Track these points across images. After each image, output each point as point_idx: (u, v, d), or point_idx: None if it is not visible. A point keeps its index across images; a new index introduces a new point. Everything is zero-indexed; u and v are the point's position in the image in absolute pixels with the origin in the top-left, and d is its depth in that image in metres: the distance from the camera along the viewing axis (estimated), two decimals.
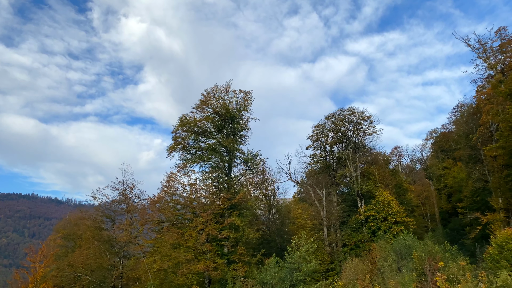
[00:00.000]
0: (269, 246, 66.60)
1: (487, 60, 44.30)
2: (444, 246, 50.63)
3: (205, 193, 40.08)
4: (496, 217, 48.40)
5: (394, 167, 73.30)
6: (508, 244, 23.73)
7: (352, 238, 62.26)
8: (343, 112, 68.75)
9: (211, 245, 38.16)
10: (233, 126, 44.67)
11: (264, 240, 66.74)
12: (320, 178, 74.64)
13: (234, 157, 44.78)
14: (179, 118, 43.11)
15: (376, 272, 41.99)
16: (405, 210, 68.42)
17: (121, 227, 41.91)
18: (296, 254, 36.25)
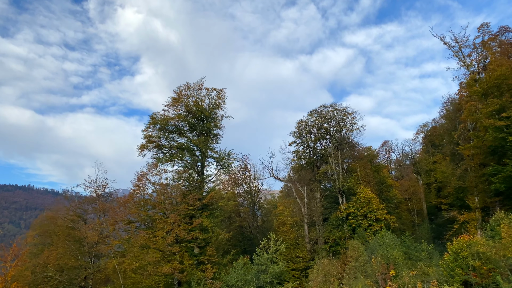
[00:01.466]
0: (250, 243, 66.50)
1: (463, 59, 43.48)
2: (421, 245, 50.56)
3: (175, 194, 39.44)
4: (472, 216, 48.15)
5: (377, 164, 72.62)
6: (463, 251, 23.33)
7: (332, 236, 62.03)
8: (325, 108, 68.03)
9: (179, 246, 37.69)
10: (206, 124, 43.89)
11: (245, 237, 66.65)
12: (302, 175, 74.27)
13: (207, 157, 44.08)
14: (150, 116, 42.35)
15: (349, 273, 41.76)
16: (388, 207, 68.29)
17: (90, 226, 41.39)
18: (264, 256, 35.85)
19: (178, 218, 37.72)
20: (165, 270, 35.17)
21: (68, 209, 44.56)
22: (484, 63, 52.22)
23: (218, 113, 45.70)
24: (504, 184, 38.96)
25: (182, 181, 41.89)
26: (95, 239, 39.61)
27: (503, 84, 39.44)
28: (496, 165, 39.88)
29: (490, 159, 45.04)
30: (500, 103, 37.88)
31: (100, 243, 40.35)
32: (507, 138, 37.37)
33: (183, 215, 39.27)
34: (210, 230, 39.41)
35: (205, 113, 43.74)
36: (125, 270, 37.51)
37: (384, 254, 32.05)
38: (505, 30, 57.31)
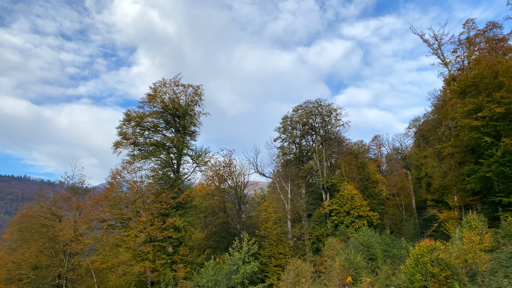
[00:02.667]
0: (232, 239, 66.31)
1: (442, 56, 42.84)
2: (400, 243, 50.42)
3: (148, 192, 38.94)
4: (451, 215, 48.01)
5: (362, 160, 72.27)
6: (423, 257, 23.03)
7: (315, 232, 61.93)
8: (310, 104, 67.46)
9: (152, 246, 37.33)
10: (181, 122, 43.25)
11: (229, 233, 66.43)
12: (287, 171, 73.91)
13: (183, 154, 43.52)
14: (124, 113, 41.64)
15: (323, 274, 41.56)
16: (372, 203, 68.17)
17: (63, 224, 40.88)
18: (236, 256, 35.55)
19: (151, 217, 37.29)
20: (135, 270, 34.84)
21: (42, 206, 43.90)
22: (469, 60, 51.75)
23: (195, 110, 45.09)
24: (480, 184, 38.68)
25: (156, 179, 41.35)
26: (67, 237, 39.12)
27: (481, 83, 38.92)
28: (472, 165, 39.54)
29: (469, 158, 44.74)
30: (476, 103, 37.40)
31: (74, 241, 39.83)
32: (482, 138, 36.99)
33: (157, 214, 38.85)
34: (183, 229, 39.02)
35: (181, 110, 43.07)
36: (98, 269, 37.11)
37: (348, 257, 31.71)
38: (493, 26, 56.57)
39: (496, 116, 36.89)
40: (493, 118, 37.47)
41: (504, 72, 37.07)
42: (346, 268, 29.43)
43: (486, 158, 37.72)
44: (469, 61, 50.86)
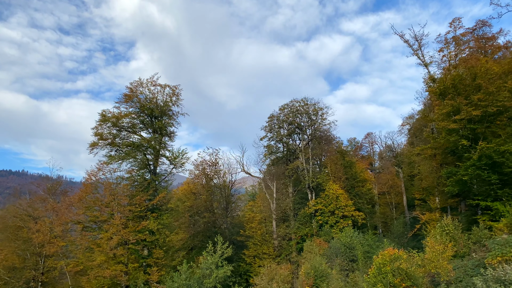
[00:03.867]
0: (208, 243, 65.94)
1: (422, 57, 42.19)
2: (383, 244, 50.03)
3: (122, 194, 38.45)
4: (432, 216, 47.63)
5: (349, 159, 71.77)
6: (385, 266, 22.61)
7: (299, 232, 61.62)
8: (296, 103, 66.84)
9: (125, 249, 36.89)
10: (157, 123, 42.63)
11: (214, 233, 66.05)
12: (272, 170, 73.44)
13: (160, 156, 42.96)
14: (99, 113, 40.97)
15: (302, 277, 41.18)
16: (358, 202, 67.84)
17: (37, 227, 40.47)
18: (209, 260, 35.16)
19: (123, 220, 36.84)
20: (106, 273, 34.45)
21: (18, 207, 43.51)
22: (455, 60, 51.20)
23: (174, 110, 44.48)
24: (457, 187, 38.25)
25: (131, 181, 40.84)
26: (41, 239, 38.72)
27: (460, 84, 38.36)
28: (450, 168, 39.09)
29: (450, 159, 44.30)
30: (454, 105, 36.85)
31: (48, 243, 39.47)
32: (460, 141, 36.51)
33: (132, 217, 38.41)
34: (157, 232, 38.59)
35: (157, 110, 42.44)
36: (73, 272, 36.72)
37: (313, 264, 31.32)
38: (483, 24, 55.99)
39: (474, 118, 36.38)
40: (471, 121, 36.97)
41: (482, 74, 36.49)
42: (311, 276, 29.03)
43: (465, 161, 37.27)
44: (455, 61, 50.35)
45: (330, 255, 46.30)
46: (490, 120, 37.05)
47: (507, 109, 35.48)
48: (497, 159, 34.59)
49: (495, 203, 36.03)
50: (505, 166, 34.36)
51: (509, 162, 34.11)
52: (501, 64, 38.26)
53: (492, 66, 37.99)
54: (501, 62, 39.23)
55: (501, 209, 35.13)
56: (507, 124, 36.29)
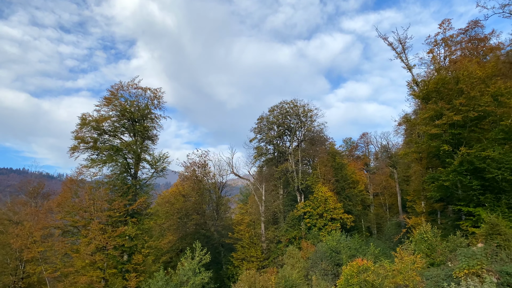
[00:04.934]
0: (206, 241, 65.66)
1: (405, 60, 41.58)
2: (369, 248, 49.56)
3: (101, 199, 38.02)
4: (418, 221, 47.09)
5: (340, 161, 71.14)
6: (352, 278, 22.16)
7: (287, 235, 61.21)
8: (285, 104, 66.37)
9: (105, 254, 36.51)
10: (137, 127, 42.19)
11: (201, 235, 65.72)
12: (262, 172, 73.04)
13: (141, 160, 42.53)
14: (79, 117, 40.54)
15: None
16: (349, 205, 67.26)
17: (16, 231, 40.14)
18: (186, 266, 34.76)
19: (102, 225, 36.46)
20: (82, 280, 34.11)
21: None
22: (444, 61, 50.67)
23: (156, 113, 44.07)
24: (439, 192, 37.74)
25: (110, 185, 40.41)
26: (18, 244, 38.38)
27: (443, 88, 37.80)
28: (432, 173, 38.57)
29: (436, 163, 43.76)
30: (436, 109, 36.30)
31: (26, 248, 39.13)
32: (441, 146, 35.96)
33: (111, 222, 38.04)
34: (135, 238, 38.20)
35: (136, 114, 41.96)
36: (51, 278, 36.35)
37: (283, 274, 30.85)
38: (475, 25, 55.40)
39: (456, 123, 35.81)
40: (453, 126, 36.40)
41: (465, 78, 35.90)
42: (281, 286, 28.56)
43: (447, 167, 36.74)
44: (444, 62, 49.82)
45: (315, 259, 45.88)
46: (473, 125, 36.52)
47: (489, 113, 34.91)
48: (478, 165, 34.05)
49: (477, 209, 35.49)
50: (487, 172, 33.79)
51: (490, 168, 33.54)
52: (485, 67, 37.63)
53: (476, 69, 37.38)
54: (486, 66, 38.60)
55: (483, 215, 34.63)
56: (489, 129, 35.72)
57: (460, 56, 50.32)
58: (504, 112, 34.07)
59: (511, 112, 34.33)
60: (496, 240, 26.67)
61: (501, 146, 33.94)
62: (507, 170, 32.93)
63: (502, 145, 34.45)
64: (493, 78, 37.16)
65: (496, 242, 26.61)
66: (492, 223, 27.12)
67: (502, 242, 26.45)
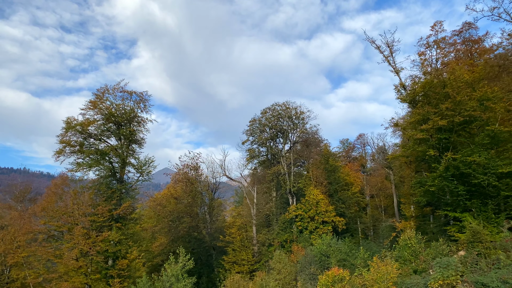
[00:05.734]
0: (197, 244, 65.39)
1: (393, 64, 41.16)
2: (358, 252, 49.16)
3: (85, 204, 37.75)
4: (407, 225, 46.78)
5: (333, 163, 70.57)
6: (328, 287, 21.81)
7: (279, 238, 60.87)
8: (277, 106, 65.99)
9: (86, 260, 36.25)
10: (124, 130, 41.90)
11: (193, 238, 65.43)
12: (260, 173, 72.72)
13: (126, 164, 42.23)
14: (64, 121, 40.26)
15: None
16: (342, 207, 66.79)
17: (2, 235, 39.90)
18: (169, 272, 34.45)
19: (85, 231, 36.19)
20: (65, 285, 33.87)
21: None
22: (436, 64, 50.30)
23: (142, 116, 43.78)
24: (426, 197, 37.36)
25: (94, 190, 40.11)
26: (1, 249, 38.12)
27: (431, 92, 37.40)
28: (419, 178, 38.18)
29: (424, 167, 43.35)
30: (422, 114, 35.90)
31: (9, 254, 38.85)
32: (427, 151, 35.57)
33: (95, 227, 37.77)
34: (118, 244, 37.90)
35: (120, 118, 41.64)
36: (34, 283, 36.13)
37: (261, 284, 30.52)
38: (469, 27, 54.96)
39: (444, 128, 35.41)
40: (441, 130, 35.99)
41: (451, 82, 35.49)
42: None
43: (433, 171, 36.34)
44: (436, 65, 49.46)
45: (304, 263, 45.51)
46: (460, 130, 36.12)
47: (475, 118, 34.46)
48: (464, 170, 33.66)
49: (464, 214, 35.12)
50: (473, 177, 33.39)
51: (476, 173, 33.14)
52: (473, 71, 37.24)
53: (463, 73, 36.97)
54: (474, 69, 38.19)
55: (469, 220, 34.27)
56: (476, 134, 35.29)
57: (454, 58, 49.96)
58: (490, 117, 33.65)
59: (498, 117, 33.90)
60: (477, 248, 26.33)
61: (487, 151, 33.54)
62: (493, 176, 32.56)
63: (489, 150, 34.06)
64: (481, 82, 36.73)
65: (477, 250, 26.26)
66: (473, 231, 26.75)
67: (483, 250, 26.10)
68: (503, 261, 22.87)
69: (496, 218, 33.98)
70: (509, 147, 33.70)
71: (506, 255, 24.08)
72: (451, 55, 51.27)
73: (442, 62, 49.85)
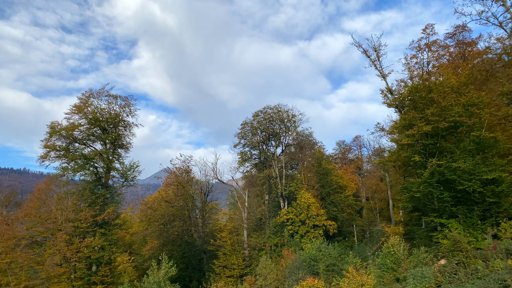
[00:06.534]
0: (188, 248, 65.04)
1: (380, 68, 40.75)
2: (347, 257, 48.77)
3: (68, 209, 37.43)
4: (396, 230, 46.40)
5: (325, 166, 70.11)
6: None
7: (269, 242, 60.48)
8: (269, 109, 65.60)
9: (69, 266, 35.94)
10: (108, 134, 41.58)
11: (184, 242, 65.11)
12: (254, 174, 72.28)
13: (111, 169, 41.90)
14: (48, 126, 39.97)
15: None
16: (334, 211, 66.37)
17: None
18: (151, 279, 34.08)
19: (67, 237, 35.86)
20: None
21: None
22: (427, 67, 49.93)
23: (128, 121, 43.45)
24: (412, 203, 36.98)
25: (77, 195, 39.78)
26: None
27: (417, 97, 37.04)
28: (406, 183, 37.79)
29: (412, 172, 42.95)
30: (408, 119, 35.53)
31: None
32: (413, 157, 35.18)
33: (78, 233, 37.44)
34: (101, 250, 37.56)
35: (103, 123, 41.36)
36: None
37: None
38: (463, 29, 54.61)
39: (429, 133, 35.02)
40: (427, 135, 35.58)
41: (437, 87, 35.12)
42: None
43: (420, 176, 35.93)
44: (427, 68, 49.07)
45: (292, 268, 45.14)
46: (446, 135, 35.74)
47: (461, 123, 34.05)
48: (449, 176, 33.28)
49: (450, 220, 34.77)
50: (458, 183, 33.00)
51: (461, 180, 32.75)
52: (459, 75, 36.83)
53: (450, 78, 36.58)
54: (461, 74, 37.76)
55: (455, 227, 33.90)
56: (462, 140, 34.87)
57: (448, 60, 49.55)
58: (475, 123, 33.23)
59: (483, 123, 33.48)
60: (457, 257, 25.95)
61: (473, 157, 33.15)
62: (478, 182, 32.17)
63: (475, 156, 33.66)
64: (468, 87, 36.32)
65: (457, 259, 25.88)
66: (454, 240, 26.38)
67: (463, 259, 25.72)
68: (481, 271, 22.48)
69: (482, 224, 33.63)
70: (495, 152, 33.28)
71: (485, 265, 23.68)
72: (445, 57, 50.87)
73: (434, 65, 49.49)
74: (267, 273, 40.87)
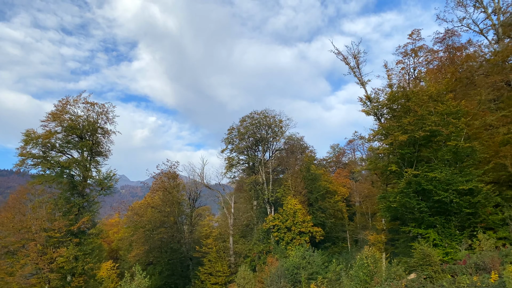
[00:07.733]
0: (173, 255, 64.47)
1: (359, 75, 40.22)
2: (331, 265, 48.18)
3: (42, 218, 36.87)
4: (378, 238, 45.76)
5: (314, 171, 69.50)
6: None
7: (255, 249, 59.88)
8: (256, 115, 65.11)
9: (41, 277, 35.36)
10: (88, 142, 41.09)
11: (169, 248, 64.57)
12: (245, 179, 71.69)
13: (87, 177, 41.36)
14: (23, 133, 39.48)
15: None
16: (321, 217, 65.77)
17: None
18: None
19: (40, 247, 35.33)
20: None
21: None
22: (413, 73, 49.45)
23: (106, 128, 42.98)
24: (390, 213, 36.44)
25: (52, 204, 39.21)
26: None
27: (395, 105, 36.52)
28: (384, 192, 37.25)
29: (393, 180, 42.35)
30: (386, 128, 35.00)
31: None
32: (389, 166, 34.64)
33: (52, 243, 36.90)
34: (74, 260, 36.98)
35: (78, 131, 40.85)
36: None
37: None
38: (452, 34, 54.17)
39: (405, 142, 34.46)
40: (406, 144, 35.02)
41: (414, 96, 34.59)
42: None
43: (399, 186, 35.36)
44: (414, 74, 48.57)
45: (274, 277, 44.57)
46: (424, 144, 35.18)
47: (438, 133, 33.49)
48: (425, 186, 32.73)
49: (428, 230, 34.22)
50: (434, 193, 32.45)
51: (437, 190, 32.19)
52: (439, 83, 36.30)
53: (429, 86, 36.08)
54: (441, 82, 37.22)
55: (433, 237, 33.39)
56: (439, 149, 34.30)
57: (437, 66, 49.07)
58: (452, 132, 32.68)
59: (460, 132, 32.92)
60: (426, 272, 25.39)
61: (449, 167, 32.59)
62: (454, 193, 31.62)
63: (451, 166, 33.11)
64: (448, 95, 35.79)
65: (426, 273, 25.33)
66: (423, 253, 25.82)
67: (432, 273, 25.16)
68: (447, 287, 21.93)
69: (460, 235, 33.08)
70: (471, 163, 32.72)
71: (452, 280, 23.12)
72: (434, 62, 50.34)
73: (420, 71, 49.01)
74: (245, 283, 40.30)
